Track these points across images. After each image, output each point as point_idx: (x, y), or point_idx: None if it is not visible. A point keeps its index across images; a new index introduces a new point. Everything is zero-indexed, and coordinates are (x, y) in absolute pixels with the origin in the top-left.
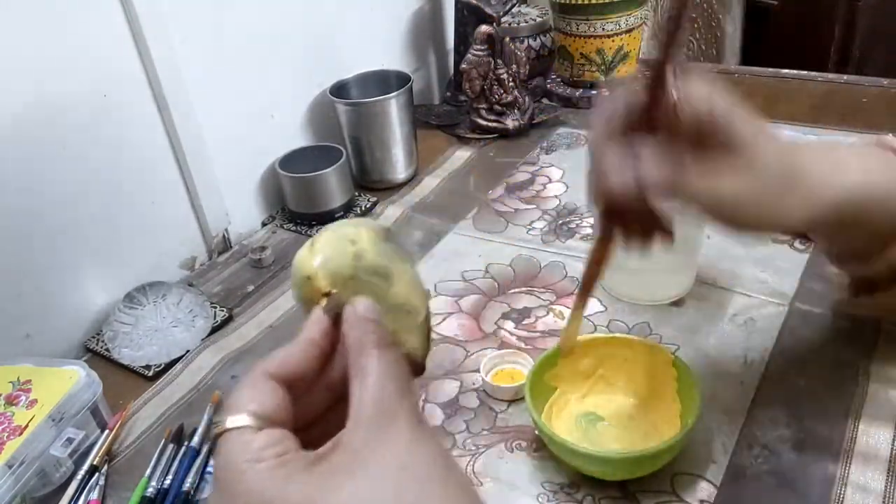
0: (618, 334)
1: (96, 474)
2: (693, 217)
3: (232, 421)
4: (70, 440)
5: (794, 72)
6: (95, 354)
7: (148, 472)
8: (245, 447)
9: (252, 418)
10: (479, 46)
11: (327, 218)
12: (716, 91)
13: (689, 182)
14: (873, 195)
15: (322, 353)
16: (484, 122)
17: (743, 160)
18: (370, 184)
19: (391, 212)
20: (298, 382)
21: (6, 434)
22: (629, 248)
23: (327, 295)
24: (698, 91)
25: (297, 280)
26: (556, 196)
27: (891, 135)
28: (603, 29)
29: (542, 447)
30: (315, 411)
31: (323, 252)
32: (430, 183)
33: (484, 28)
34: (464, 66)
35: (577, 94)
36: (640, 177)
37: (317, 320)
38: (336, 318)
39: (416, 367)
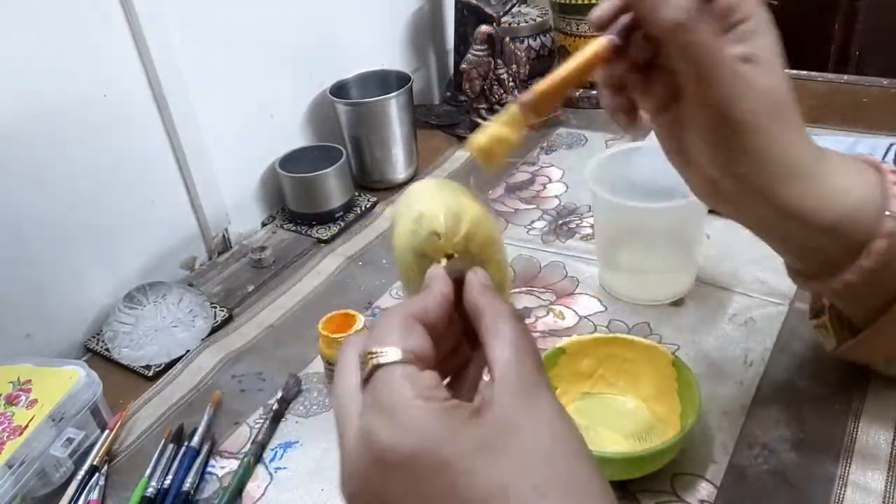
0: (618, 334)
1: (96, 474)
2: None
3: (395, 354)
4: (70, 440)
5: (794, 72)
6: (95, 354)
7: (148, 472)
8: (415, 382)
9: (400, 353)
10: (479, 46)
11: (327, 218)
12: None
13: (710, 30)
14: (851, 194)
15: (450, 308)
16: (484, 123)
17: (760, 65)
18: (370, 184)
19: (391, 212)
20: (433, 332)
21: (6, 434)
22: (608, 87)
23: (449, 257)
24: None
25: (420, 230)
26: (556, 196)
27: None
28: None
29: None
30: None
31: (450, 213)
32: None
33: (484, 28)
34: (464, 66)
35: (577, 94)
36: None
37: (442, 277)
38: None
39: None
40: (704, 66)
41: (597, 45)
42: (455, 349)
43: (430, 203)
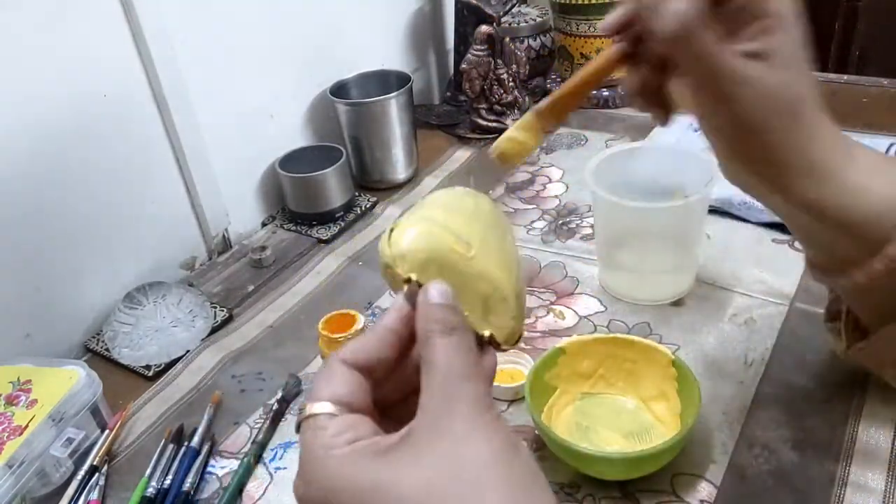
0: (618, 334)
1: (96, 474)
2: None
3: (310, 408)
4: (70, 440)
5: None
6: (95, 354)
7: (148, 472)
8: (320, 434)
9: (330, 405)
10: (479, 46)
11: (327, 218)
12: None
13: (711, 36)
14: (874, 189)
15: (399, 339)
16: (484, 122)
17: (775, 64)
18: (370, 184)
19: (391, 212)
20: (376, 368)
21: (6, 434)
22: (628, 89)
23: (408, 281)
24: None
25: (380, 267)
26: (556, 196)
27: None
28: None
29: (543, 447)
30: (400, 395)
31: (402, 237)
32: (430, 183)
33: (484, 28)
34: (464, 66)
35: None
36: (666, 2)
37: (397, 308)
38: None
39: (495, 346)
40: (706, 74)
41: (609, 52)
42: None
43: (382, 238)
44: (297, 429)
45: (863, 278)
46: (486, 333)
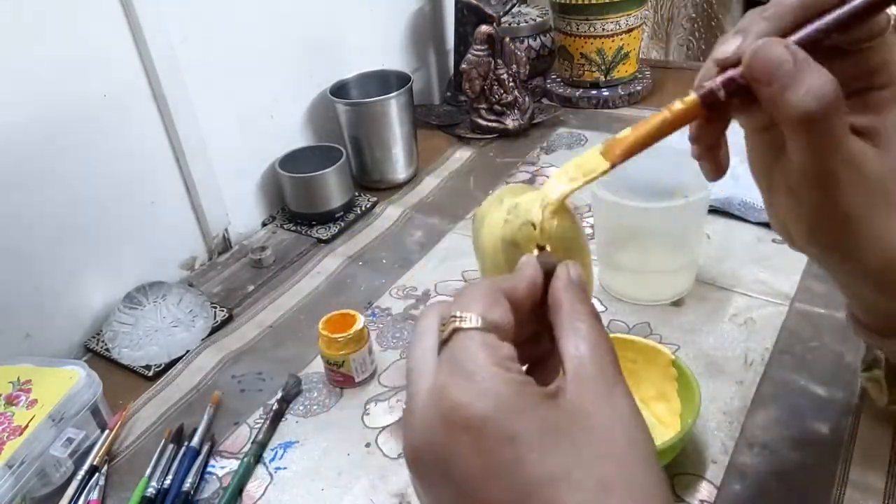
0: (618, 334)
1: (96, 474)
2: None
3: (476, 321)
4: (70, 440)
5: None
6: (95, 354)
7: (148, 472)
8: (494, 351)
9: (481, 321)
10: (479, 46)
11: (327, 218)
12: None
13: (842, 118)
14: None
15: (537, 295)
16: (484, 122)
17: (881, 144)
18: (370, 184)
19: (391, 212)
20: (517, 313)
21: (6, 434)
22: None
23: (541, 249)
24: None
25: (515, 220)
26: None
27: None
28: (603, 29)
29: None
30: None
31: (545, 207)
32: (430, 183)
33: (484, 28)
34: (464, 66)
35: (577, 94)
36: (802, 61)
37: (534, 265)
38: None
39: None
40: (823, 158)
41: (687, 104)
42: (535, 339)
43: (525, 196)
44: (450, 335)
45: None
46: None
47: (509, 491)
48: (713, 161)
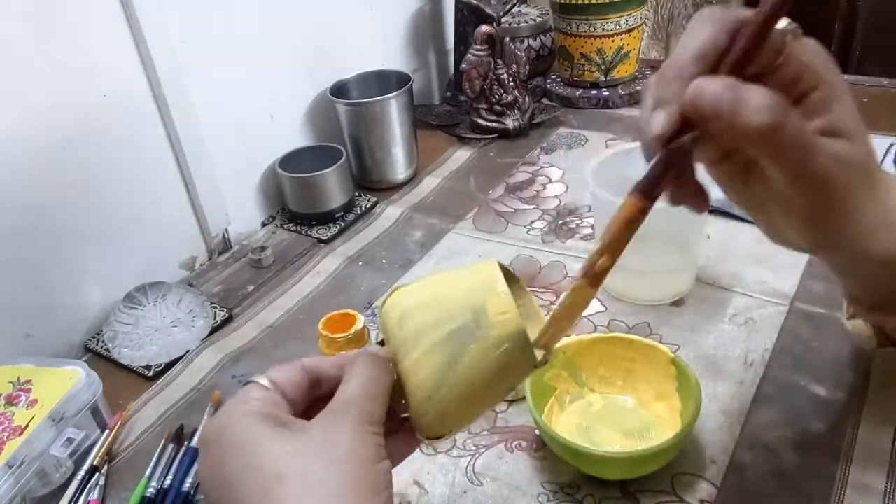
0: (618, 334)
1: (96, 474)
2: (768, 178)
3: (259, 378)
4: (70, 440)
5: None
6: (95, 354)
7: (148, 472)
8: (244, 393)
9: (267, 380)
10: (479, 46)
11: (327, 218)
12: (828, 58)
13: (795, 118)
14: None
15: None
16: (484, 122)
17: (841, 130)
18: (370, 184)
19: (391, 212)
20: (324, 381)
21: (6, 434)
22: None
23: (381, 343)
24: (813, 53)
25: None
26: (556, 196)
27: None
28: (603, 29)
29: (543, 447)
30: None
31: (388, 310)
32: (430, 183)
33: (484, 28)
34: (464, 66)
35: (577, 94)
36: (742, 89)
37: (361, 352)
38: None
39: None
40: (802, 159)
41: (628, 208)
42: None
43: (406, 292)
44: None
45: None
46: (405, 414)
47: (244, 489)
48: (693, 196)
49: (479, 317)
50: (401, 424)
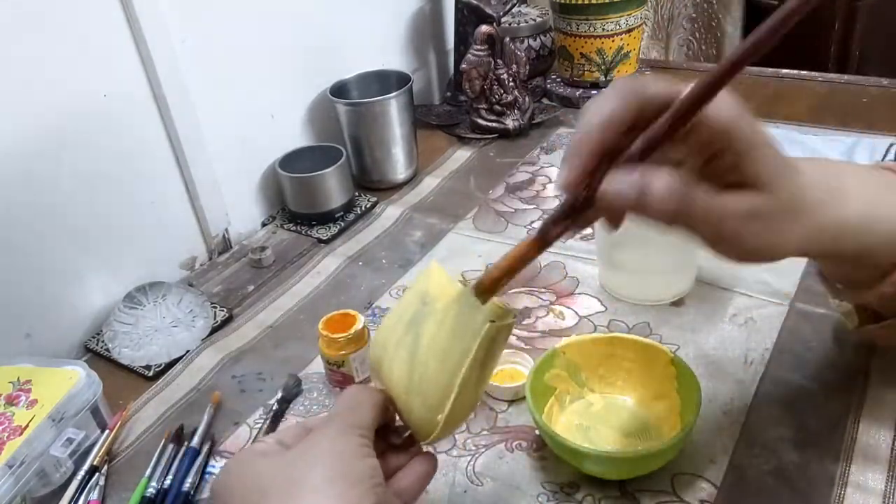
0: (618, 334)
1: (96, 474)
2: (688, 241)
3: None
4: (70, 440)
5: (794, 72)
6: (95, 354)
7: (148, 472)
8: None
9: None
10: (479, 46)
11: (327, 218)
12: (742, 113)
13: (701, 195)
14: (874, 227)
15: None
16: (484, 122)
17: (759, 186)
18: (370, 184)
19: (391, 212)
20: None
21: (6, 434)
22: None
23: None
24: (722, 108)
25: None
26: (556, 196)
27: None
28: (603, 29)
29: (543, 447)
30: None
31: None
32: (430, 183)
33: (484, 28)
34: (464, 66)
35: (577, 94)
36: (646, 183)
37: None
38: None
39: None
40: (713, 227)
41: (522, 247)
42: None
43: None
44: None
45: (874, 297)
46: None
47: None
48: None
49: (423, 298)
50: (408, 446)
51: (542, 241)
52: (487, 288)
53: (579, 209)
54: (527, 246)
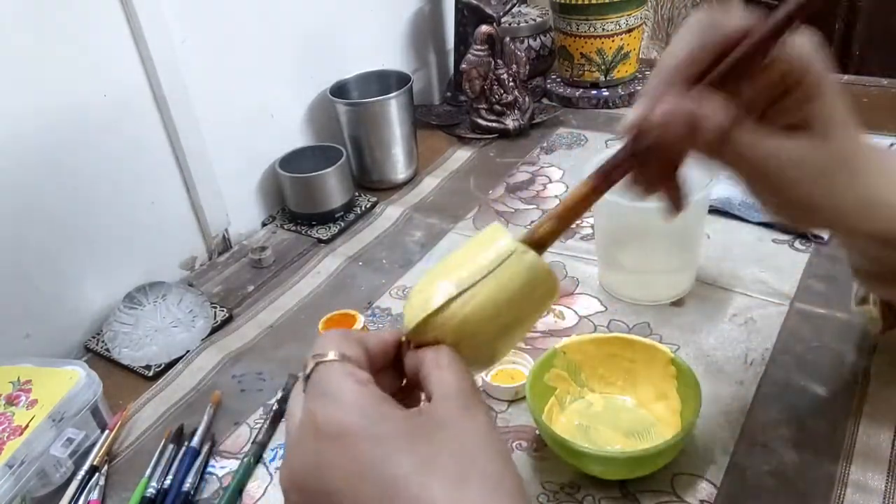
0: (618, 334)
1: (96, 474)
2: (734, 178)
3: (334, 354)
4: (70, 440)
5: None
6: (95, 354)
7: (148, 472)
8: (353, 374)
9: (347, 358)
10: (479, 46)
11: (327, 218)
12: (820, 54)
13: (749, 133)
14: None
15: (388, 353)
16: (484, 122)
17: (816, 131)
18: (370, 184)
19: (391, 212)
20: (373, 362)
21: (6, 434)
22: (632, 191)
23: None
24: (802, 47)
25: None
26: (556, 196)
27: None
28: (603, 29)
29: (543, 447)
30: None
31: (410, 302)
32: (430, 183)
33: (484, 28)
34: (464, 66)
35: (577, 94)
36: (697, 113)
37: (388, 332)
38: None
39: None
40: (752, 168)
41: (582, 186)
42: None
43: (423, 283)
44: (312, 370)
45: None
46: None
47: (380, 485)
48: (671, 191)
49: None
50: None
51: (605, 181)
52: (539, 239)
53: (643, 148)
54: (585, 187)
